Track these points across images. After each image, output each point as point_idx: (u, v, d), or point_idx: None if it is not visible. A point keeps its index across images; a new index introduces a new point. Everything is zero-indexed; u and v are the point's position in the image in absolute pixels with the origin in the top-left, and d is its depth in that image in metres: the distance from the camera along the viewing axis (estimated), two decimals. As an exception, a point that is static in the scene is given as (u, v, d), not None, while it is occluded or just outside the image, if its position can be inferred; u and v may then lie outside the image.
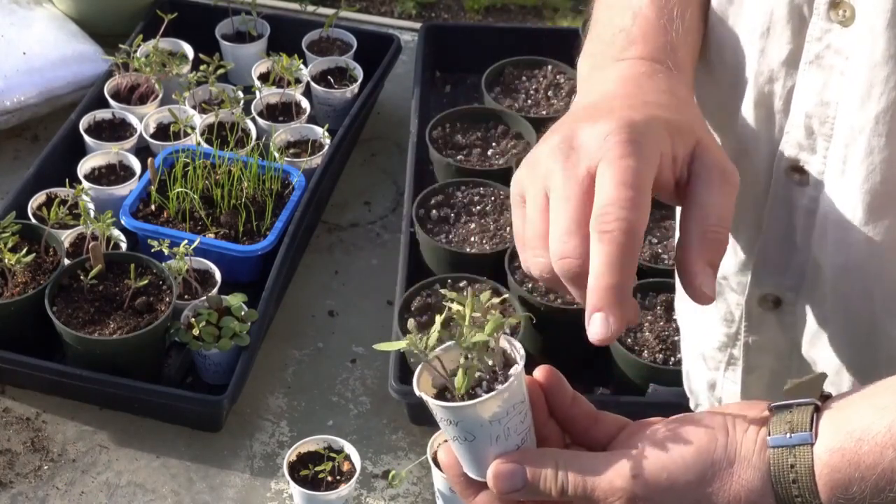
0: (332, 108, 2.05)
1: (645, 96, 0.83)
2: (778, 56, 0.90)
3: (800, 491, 0.73)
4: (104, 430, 1.58)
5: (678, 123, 0.80)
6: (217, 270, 1.69)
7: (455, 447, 0.78)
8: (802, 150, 0.91)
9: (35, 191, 1.79)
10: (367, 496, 1.52)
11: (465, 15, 3.62)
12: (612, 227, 0.72)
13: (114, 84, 1.99)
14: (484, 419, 0.74)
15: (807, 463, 0.73)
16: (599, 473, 0.76)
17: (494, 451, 0.76)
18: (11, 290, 1.59)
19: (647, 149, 0.76)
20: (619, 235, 0.72)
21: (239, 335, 1.58)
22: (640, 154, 0.75)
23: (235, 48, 2.12)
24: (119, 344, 1.54)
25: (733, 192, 0.79)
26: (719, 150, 0.81)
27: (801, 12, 0.87)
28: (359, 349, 1.71)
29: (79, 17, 2.19)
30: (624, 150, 0.75)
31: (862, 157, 0.86)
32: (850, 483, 0.72)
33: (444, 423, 0.75)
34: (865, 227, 0.88)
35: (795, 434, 0.74)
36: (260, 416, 1.62)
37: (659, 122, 0.78)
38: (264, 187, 1.80)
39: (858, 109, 0.85)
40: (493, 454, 0.76)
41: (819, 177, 0.91)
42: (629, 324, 0.75)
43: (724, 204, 0.78)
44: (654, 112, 0.80)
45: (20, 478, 1.52)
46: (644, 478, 0.75)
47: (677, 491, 0.75)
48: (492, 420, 0.74)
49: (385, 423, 1.62)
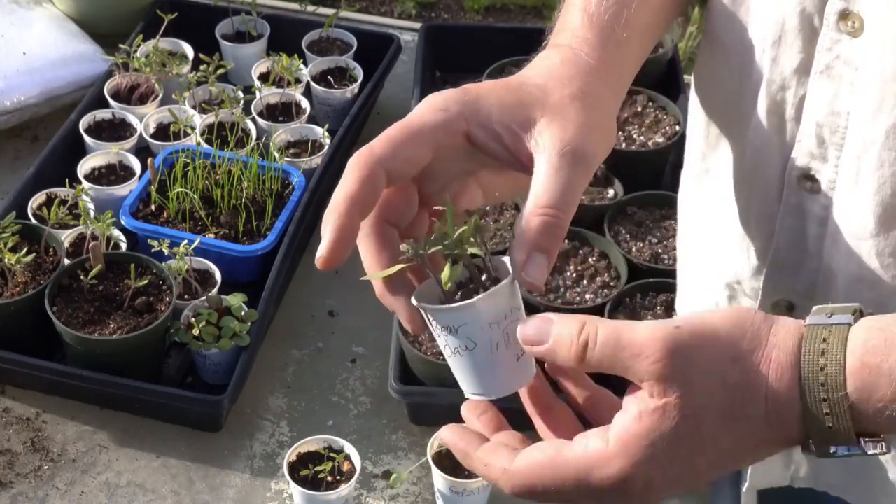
0: (332, 108, 2.05)
1: (512, 80, 0.82)
2: (790, 65, 0.90)
3: (827, 362, 0.70)
4: (104, 430, 1.58)
5: (513, 101, 0.78)
6: (217, 270, 1.69)
7: (456, 363, 0.77)
8: (814, 158, 0.91)
9: (35, 191, 1.79)
10: (367, 496, 1.52)
11: (465, 15, 3.62)
12: None
13: (114, 84, 1.99)
14: (483, 321, 0.73)
15: (841, 335, 0.70)
16: (635, 328, 0.71)
17: (495, 358, 0.75)
18: (11, 290, 1.59)
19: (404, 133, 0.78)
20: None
21: (239, 335, 1.59)
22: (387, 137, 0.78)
23: (235, 48, 2.12)
24: (119, 344, 1.54)
25: (576, 170, 0.76)
26: (571, 128, 0.77)
27: (811, 22, 0.87)
28: (359, 349, 1.71)
29: (79, 17, 2.19)
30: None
31: (873, 168, 0.86)
32: (881, 373, 0.68)
33: (444, 334, 0.75)
34: (876, 238, 0.88)
35: (836, 315, 0.72)
36: (260, 416, 1.62)
37: (462, 100, 0.78)
38: (264, 187, 1.80)
39: (870, 121, 0.85)
40: (496, 361, 0.75)
41: (831, 185, 0.91)
42: None
43: (560, 184, 0.75)
44: (478, 92, 0.79)
45: (20, 478, 1.52)
46: (689, 326, 0.71)
47: (720, 344, 0.71)
48: (491, 323, 0.73)
49: (385, 423, 1.62)
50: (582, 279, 1.68)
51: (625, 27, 0.87)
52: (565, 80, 0.80)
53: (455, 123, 0.77)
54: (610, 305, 1.61)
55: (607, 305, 1.61)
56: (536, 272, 0.74)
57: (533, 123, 0.77)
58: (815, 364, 0.70)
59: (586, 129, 0.77)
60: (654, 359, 0.70)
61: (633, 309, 1.63)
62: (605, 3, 0.87)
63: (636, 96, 1.99)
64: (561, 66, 0.83)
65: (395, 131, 0.77)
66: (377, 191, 0.75)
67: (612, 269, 1.70)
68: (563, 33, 0.88)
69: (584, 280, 1.67)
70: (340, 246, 0.76)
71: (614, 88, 0.85)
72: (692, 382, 0.70)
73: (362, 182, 0.74)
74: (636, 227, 1.78)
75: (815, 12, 0.87)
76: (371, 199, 0.75)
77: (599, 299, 1.64)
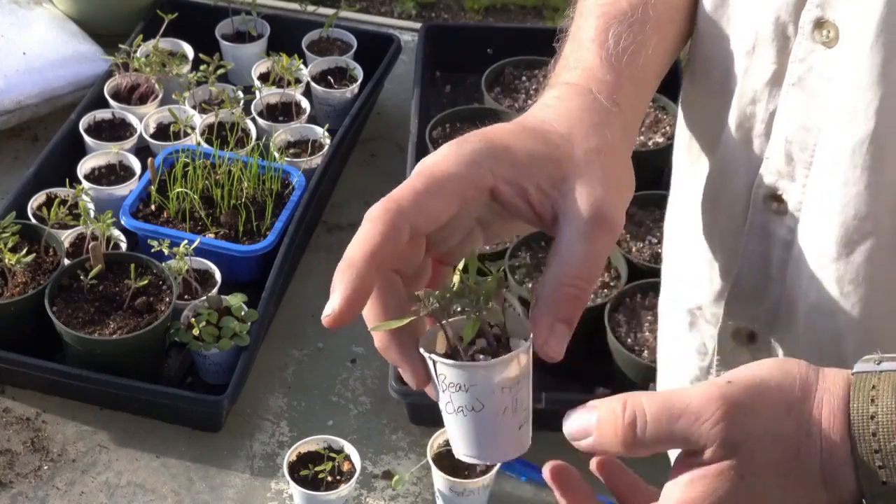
0: (332, 108, 2.05)
1: (535, 126, 0.77)
2: (761, 77, 0.87)
3: (877, 410, 0.66)
4: (104, 430, 1.58)
5: (541, 154, 0.74)
6: (217, 270, 1.69)
7: (456, 422, 0.72)
8: (782, 177, 0.88)
9: (35, 191, 1.79)
10: (367, 496, 1.52)
11: (465, 15, 3.62)
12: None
13: (114, 84, 1.99)
14: (497, 384, 0.70)
15: (892, 382, 0.66)
16: (684, 393, 0.67)
17: (499, 423, 0.71)
18: (11, 290, 1.59)
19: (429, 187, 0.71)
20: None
21: (239, 335, 1.59)
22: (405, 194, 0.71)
23: (235, 48, 2.12)
24: (119, 344, 1.54)
25: (605, 240, 0.72)
26: (599, 191, 0.73)
27: (785, 31, 0.84)
28: (359, 349, 1.71)
29: (79, 17, 2.19)
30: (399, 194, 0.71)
31: (839, 187, 0.83)
32: None
33: (451, 390, 0.71)
34: (837, 262, 0.85)
35: (885, 363, 0.68)
36: (260, 416, 1.62)
37: (489, 152, 0.72)
38: (264, 187, 1.80)
39: (839, 137, 0.82)
40: (499, 427, 0.72)
41: (797, 207, 0.88)
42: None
43: (588, 254, 0.71)
44: (504, 141, 0.74)
45: (20, 478, 1.52)
46: (741, 381, 0.67)
47: (773, 395, 0.67)
48: (503, 387, 0.70)
49: (385, 423, 1.62)
50: (582, 279, 1.67)
51: (643, 69, 0.83)
52: (589, 131, 0.76)
53: (482, 179, 0.72)
54: (610, 305, 1.61)
55: (607, 305, 1.61)
56: (558, 345, 0.70)
57: (561, 182, 0.73)
58: (866, 412, 0.66)
59: (613, 192, 0.74)
60: (714, 420, 0.67)
61: (633, 309, 1.63)
62: (623, 41, 0.83)
63: (636, 96, 1.99)
64: (582, 112, 0.78)
65: (420, 183, 0.71)
66: (399, 246, 0.70)
67: (612, 269, 1.70)
68: (578, 71, 0.82)
69: (584, 280, 1.67)
70: (355, 304, 0.69)
71: (630, 135, 0.81)
72: (754, 439, 0.67)
73: (386, 237, 0.69)
74: (636, 227, 1.78)
75: (790, 21, 0.83)
76: (391, 256, 0.70)
77: (599, 299, 1.64)
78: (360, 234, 0.70)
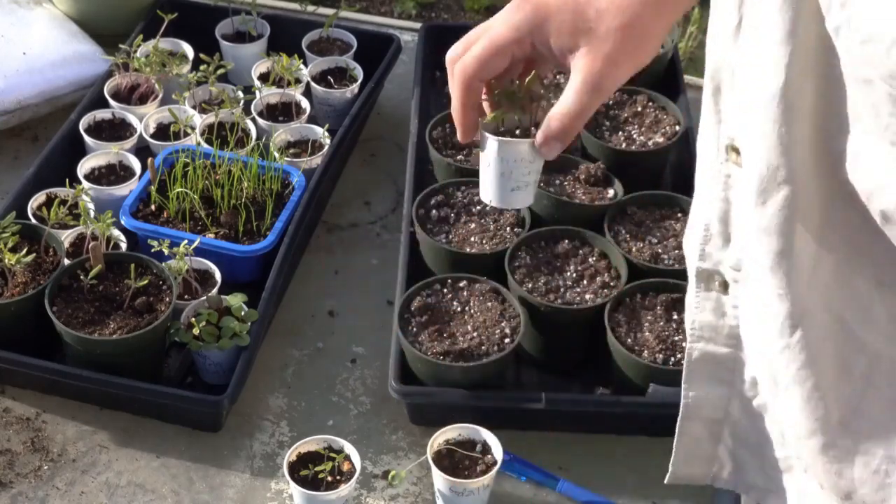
0: (332, 108, 2.05)
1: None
2: (727, 25, 0.93)
3: None
4: (104, 430, 1.59)
5: (568, 30, 0.96)
6: (217, 270, 1.69)
7: (482, 172, 1.07)
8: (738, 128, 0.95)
9: (35, 191, 1.79)
10: (367, 496, 1.52)
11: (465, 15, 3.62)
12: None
13: (114, 84, 1.99)
14: (498, 154, 1.04)
15: None
16: None
17: (500, 181, 1.05)
18: (11, 290, 1.59)
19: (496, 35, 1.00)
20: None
21: (239, 335, 1.59)
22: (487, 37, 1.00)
23: (235, 48, 2.12)
24: (119, 344, 1.54)
25: (591, 99, 0.97)
26: (598, 65, 0.95)
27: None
28: (359, 349, 1.71)
29: (79, 17, 2.19)
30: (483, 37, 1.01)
31: (758, 139, 0.89)
32: None
33: (482, 149, 1.06)
34: (755, 210, 0.91)
35: None
36: (260, 416, 1.62)
37: (533, 21, 0.97)
38: (264, 187, 1.80)
39: (756, 89, 0.88)
40: (498, 183, 1.06)
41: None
42: None
43: (578, 103, 0.97)
44: (548, 11, 0.97)
45: (20, 478, 1.52)
46: None
47: None
48: (503, 158, 1.04)
49: (385, 423, 1.62)
50: (582, 279, 1.67)
51: None
52: (624, 7, 0.94)
53: (525, 41, 0.98)
54: (610, 305, 1.61)
55: (607, 305, 1.61)
56: (548, 150, 1.02)
57: (576, 49, 0.96)
58: None
59: (613, 64, 0.96)
60: None
61: (633, 309, 1.63)
62: None
63: (636, 96, 1.99)
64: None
65: (481, 50, 0.99)
66: (477, 93, 1.03)
67: (612, 269, 1.70)
68: None
69: (584, 280, 1.67)
70: (471, 129, 1.04)
71: (668, 15, 0.97)
72: None
73: (467, 91, 1.02)
74: (636, 227, 1.78)
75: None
76: (475, 99, 1.03)
77: (599, 299, 1.64)
78: (451, 91, 1.04)
